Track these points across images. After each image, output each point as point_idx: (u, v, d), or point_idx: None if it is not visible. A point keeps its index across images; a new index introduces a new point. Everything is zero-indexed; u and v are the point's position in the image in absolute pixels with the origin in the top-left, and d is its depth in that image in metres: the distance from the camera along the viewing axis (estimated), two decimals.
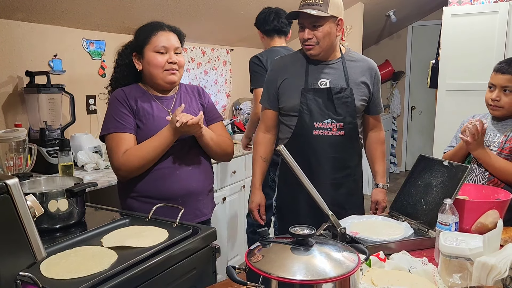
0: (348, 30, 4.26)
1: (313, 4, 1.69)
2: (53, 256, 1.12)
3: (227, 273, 0.92)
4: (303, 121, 1.78)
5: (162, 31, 1.64)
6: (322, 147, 1.79)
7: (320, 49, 1.76)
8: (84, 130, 2.65)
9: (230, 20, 3.37)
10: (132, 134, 1.59)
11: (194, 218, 1.66)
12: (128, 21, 2.71)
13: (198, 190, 1.67)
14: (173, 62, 1.62)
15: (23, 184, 1.44)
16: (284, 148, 1.32)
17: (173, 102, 1.70)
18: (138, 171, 1.57)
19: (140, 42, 1.65)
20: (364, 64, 1.87)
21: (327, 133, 1.78)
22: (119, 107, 1.61)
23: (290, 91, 1.82)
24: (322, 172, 1.79)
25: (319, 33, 1.72)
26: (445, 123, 3.47)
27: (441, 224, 1.30)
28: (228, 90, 4.01)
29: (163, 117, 1.63)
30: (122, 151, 1.55)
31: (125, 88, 1.67)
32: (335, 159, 1.81)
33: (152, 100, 1.66)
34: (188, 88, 1.79)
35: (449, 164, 1.54)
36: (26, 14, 2.22)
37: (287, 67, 1.86)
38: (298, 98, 1.78)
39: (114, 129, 1.58)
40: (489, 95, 1.77)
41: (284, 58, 1.94)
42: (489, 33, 3.25)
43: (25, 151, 1.95)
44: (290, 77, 1.83)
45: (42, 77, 2.25)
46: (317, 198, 1.28)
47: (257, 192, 1.94)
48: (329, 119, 1.78)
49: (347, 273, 0.85)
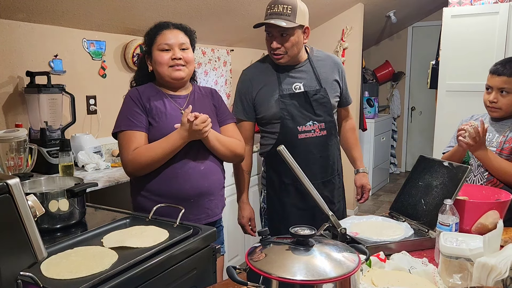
0: (348, 31, 4.27)
1: (281, 14, 1.72)
2: (54, 256, 1.12)
3: (227, 273, 0.92)
4: (287, 127, 1.81)
5: (166, 30, 1.65)
6: (308, 149, 1.83)
7: (288, 58, 1.81)
8: (85, 130, 2.65)
9: (230, 21, 3.37)
10: (143, 132, 1.61)
11: (206, 217, 1.67)
12: (129, 21, 2.72)
13: (210, 190, 1.67)
14: (177, 58, 1.63)
15: (23, 184, 1.44)
16: (284, 148, 1.32)
17: (186, 101, 1.71)
18: (144, 169, 1.59)
19: (148, 43, 1.68)
20: (330, 61, 1.93)
21: (311, 135, 1.83)
22: (132, 106, 1.63)
23: (267, 100, 1.84)
24: (311, 174, 1.78)
25: (288, 43, 1.76)
26: (445, 123, 3.47)
27: (441, 224, 1.30)
28: (228, 90, 4.01)
29: (176, 115, 1.64)
30: (132, 148, 1.58)
31: (140, 87, 1.70)
32: (322, 158, 1.87)
33: (165, 99, 1.67)
34: (202, 89, 1.80)
35: (449, 164, 1.54)
36: (27, 14, 2.23)
37: (258, 77, 1.88)
38: (276, 105, 1.82)
39: (125, 126, 1.61)
40: (486, 97, 1.77)
41: (252, 68, 1.95)
42: (489, 34, 3.25)
43: (25, 151, 1.95)
44: (264, 86, 1.85)
45: (43, 77, 2.26)
46: (318, 199, 1.28)
47: (246, 207, 1.97)
48: (310, 121, 1.83)
49: (347, 274, 0.85)
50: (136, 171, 1.60)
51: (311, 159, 1.84)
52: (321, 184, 1.87)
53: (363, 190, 2.06)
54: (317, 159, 1.85)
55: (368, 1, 4.26)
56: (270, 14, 1.73)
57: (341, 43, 4.30)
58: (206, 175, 1.65)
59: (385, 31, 5.74)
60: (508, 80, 1.68)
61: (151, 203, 1.60)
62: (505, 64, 1.71)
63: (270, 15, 1.73)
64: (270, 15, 1.73)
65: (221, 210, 1.77)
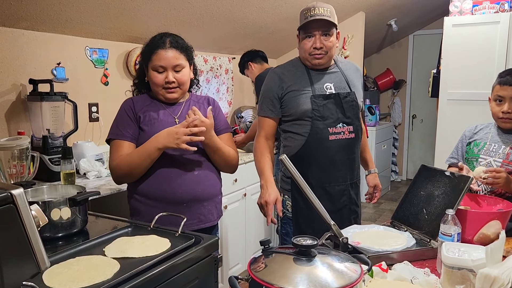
0: (349, 39, 4.29)
1: (323, 15, 1.78)
2: (56, 266, 1.12)
3: (229, 283, 0.92)
4: (317, 128, 1.83)
5: (161, 50, 1.65)
6: (338, 151, 1.86)
7: (327, 59, 1.86)
8: (87, 138, 2.66)
9: (232, 29, 3.39)
10: (131, 143, 1.65)
11: (198, 223, 1.67)
12: (131, 29, 2.73)
13: (203, 195, 1.68)
14: (170, 82, 1.65)
15: (26, 192, 1.44)
16: (286, 157, 1.32)
17: (181, 109, 1.73)
18: (127, 176, 1.63)
19: (144, 57, 1.71)
20: (353, 67, 2.01)
21: (341, 137, 1.86)
22: (123, 116, 1.68)
23: (297, 98, 1.85)
24: (340, 175, 1.88)
25: (329, 43, 1.82)
26: (447, 132, 3.48)
27: (443, 234, 1.29)
28: (230, 98, 4.02)
29: (169, 121, 1.67)
30: (117, 156, 1.63)
31: (135, 97, 1.75)
32: (350, 160, 1.90)
33: (160, 107, 1.71)
34: (198, 97, 1.83)
35: (451, 174, 1.54)
36: (31, 23, 2.24)
37: (288, 75, 1.90)
38: (307, 104, 1.83)
39: (113, 135, 1.68)
40: (498, 109, 1.74)
41: (282, 67, 1.97)
42: (490, 43, 3.27)
43: (27, 158, 1.96)
44: (294, 84, 1.87)
45: (45, 85, 2.27)
46: (320, 208, 1.28)
47: (273, 186, 1.85)
48: (340, 123, 1.85)
49: (349, 284, 0.85)
50: (119, 178, 1.65)
51: (341, 160, 1.87)
52: (349, 186, 1.91)
53: (376, 190, 2.12)
54: (345, 161, 1.88)
55: (369, 10, 4.29)
56: (312, 16, 1.78)
57: (342, 51, 4.32)
58: (200, 180, 1.67)
59: (386, 39, 5.76)
60: None
61: (144, 206, 1.65)
62: None
63: (312, 16, 1.78)
64: (311, 16, 1.78)
65: (216, 218, 1.76)
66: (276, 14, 3.41)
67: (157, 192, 1.62)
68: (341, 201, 1.89)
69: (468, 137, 1.90)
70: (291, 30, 3.92)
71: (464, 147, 1.90)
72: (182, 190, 1.63)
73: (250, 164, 3.04)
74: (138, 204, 1.67)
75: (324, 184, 1.85)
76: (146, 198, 1.64)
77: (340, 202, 1.89)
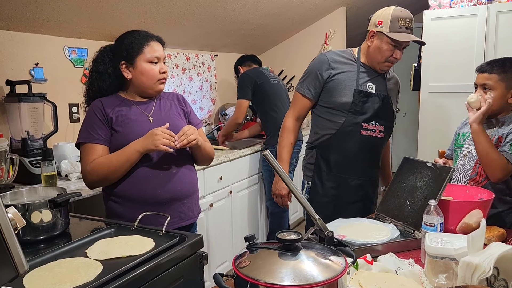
0: (331, 34, 4.31)
1: (413, 29, 1.87)
2: (37, 269, 1.10)
3: (214, 280, 0.91)
4: (353, 120, 1.88)
5: (153, 42, 1.66)
6: (365, 146, 1.91)
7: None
8: (68, 139, 2.61)
9: (213, 26, 3.37)
10: (103, 145, 1.61)
11: (179, 221, 1.66)
12: (111, 28, 2.69)
13: (183, 193, 1.67)
14: (165, 71, 1.68)
15: (4, 195, 1.41)
16: (269, 153, 1.31)
17: (153, 106, 1.71)
18: (103, 181, 1.60)
19: (131, 51, 1.63)
20: (395, 79, 2.09)
21: (372, 134, 1.91)
22: (93, 119, 1.62)
23: (341, 88, 1.90)
24: (361, 170, 1.93)
25: (402, 55, 1.91)
26: (429, 124, 3.52)
27: (426, 225, 1.31)
28: (213, 95, 4.00)
29: (143, 120, 1.65)
30: (90, 160, 1.58)
31: (103, 98, 1.67)
32: (373, 158, 1.97)
33: (131, 106, 1.67)
34: (166, 94, 1.82)
35: (433, 165, 1.56)
36: (5, 22, 2.19)
37: (339, 63, 1.94)
38: (349, 96, 1.88)
39: (83, 139, 1.61)
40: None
41: (334, 53, 2.00)
42: (469, 35, 3.31)
43: (6, 161, 1.92)
44: (341, 73, 1.91)
45: (23, 86, 2.22)
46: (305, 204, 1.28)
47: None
48: (373, 121, 1.90)
49: (334, 277, 0.85)
50: (94, 182, 1.61)
51: (365, 156, 1.93)
52: (368, 182, 1.96)
53: None
54: (369, 157, 1.95)
55: (350, 5, 4.31)
56: (407, 28, 1.84)
57: (324, 46, 4.34)
58: (179, 178, 1.66)
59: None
60: (489, 76, 1.71)
61: (123, 208, 1.61)
62: (490, 63, 1.75)
63: (407, 29, 1.84)
64: (406, 28, 1.84)
65: (196, 215, 1.76)
66: (257, 10, 3.40)
67: (136, 193, 1.60)
68: (358, 194, 1.94)
69: (459, 129, 1.95)
70: (273, 26, 3.92)
71: (455, 138, 1.95)
72: (162, 190, 1.61)
73: (235, 161, 3.04)
74: (116, 206, 1.63)
75: (344, 175, 1.91)
76: (125, 200, 1.61)
77: (356, 196, 1.94)
